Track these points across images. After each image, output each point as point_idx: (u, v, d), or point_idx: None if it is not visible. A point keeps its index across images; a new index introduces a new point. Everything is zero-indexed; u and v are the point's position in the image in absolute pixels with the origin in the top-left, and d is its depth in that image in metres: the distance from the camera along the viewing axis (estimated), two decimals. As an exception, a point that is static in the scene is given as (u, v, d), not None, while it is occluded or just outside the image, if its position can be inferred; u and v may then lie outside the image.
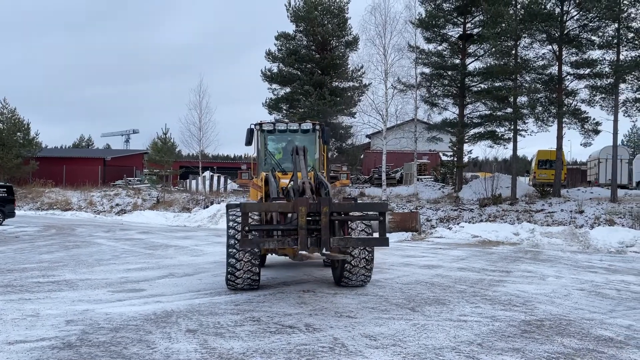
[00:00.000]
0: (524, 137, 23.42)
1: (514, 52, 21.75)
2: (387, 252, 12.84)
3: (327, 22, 31.61)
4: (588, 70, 21.83)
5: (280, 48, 32.61)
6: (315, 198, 6.48)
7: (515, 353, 4.88)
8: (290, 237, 6.26)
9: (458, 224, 18.72)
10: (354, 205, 6.76)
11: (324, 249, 6.08)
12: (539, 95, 22.50)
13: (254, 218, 7.13)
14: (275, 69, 32.48)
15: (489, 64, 23.79)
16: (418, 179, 28.98)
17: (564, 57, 21.93)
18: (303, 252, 6.12)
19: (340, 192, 23.60)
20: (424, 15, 25.82)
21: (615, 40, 20.27)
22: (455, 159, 26.92)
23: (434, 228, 19.03)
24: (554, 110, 21.60)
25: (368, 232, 7.64)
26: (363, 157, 41.63)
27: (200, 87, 38.42)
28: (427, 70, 25.96)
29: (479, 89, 24.88)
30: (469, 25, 26.04)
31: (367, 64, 28.67)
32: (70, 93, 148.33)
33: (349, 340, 5.17)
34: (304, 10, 31.35)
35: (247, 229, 6.29)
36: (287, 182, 7.91)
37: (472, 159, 30.88)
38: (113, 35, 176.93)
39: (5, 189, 21.79)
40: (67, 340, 5.10)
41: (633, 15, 20.13)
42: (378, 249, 8.00)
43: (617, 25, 20.12)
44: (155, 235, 17.68)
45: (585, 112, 22.17)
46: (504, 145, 24.82)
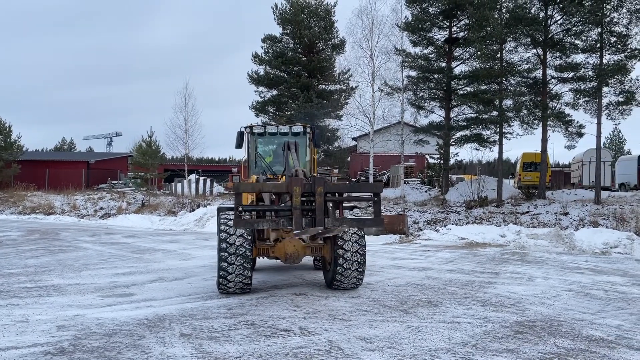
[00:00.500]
0: (510, 139, 23.61)
1: (499, 55, 21.97)
2: (376, 254, 12.88)
3: (313, 24, 31.67)
4: (572, 74, 22.12)
5: (267, 50, 32.58)
6: (310, 179, 6.49)
7: (510, 354, 4.92)
8: (285, 217, 6.28)
9: (445, 226, 18.86)
10: (349, 186, 6.82)
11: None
12: (524, 99, 22.74)
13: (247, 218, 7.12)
14: (262, 72, 32.43)
15: (475, 68, 24.02)
16: (405, 182, 29.07)
17: (548, 60, 22.23)
18: (298, 231, 6.14)
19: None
20: (410, 19, 25.96)
21: (598, 45, 20.59)
22: (442, 162, 27.11)
23: (422, 230, 19.15)
24: (539, 113, 21.83)
25: (360, 234, 7.67)
26: (350, 160, 41.72)
27: (186, 89, 38.00)
28: (413, 74, 26.09)
29: (465, 92, 25.07)
30: (455, 29, 26.26)
31: (354, 67, 28.89)
32: (51, 95, 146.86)
33: (345, 343, 5.18)
34: (291, 13, 31.39)
35: (240, 210, 6.28)
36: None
37: (458, 162, 31.04)
38: (95, 36, 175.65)
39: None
40: (59, 346, 5.02)
41: (615, 20, 20.46)
42: (367, 252, 8.02)
43: (599, 30, 20.44)
44: (142, 239, 17.51)
45: (569, 115, 22.46)
46: (490, 148, 25.07)
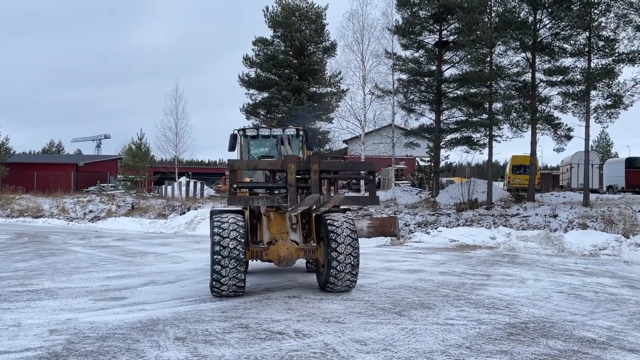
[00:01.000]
0: (499, 142, 23.91)
1: (489, 59, 22.15)
2: (368, 257, 12.91)
3: (304, 27, 31.64)
4: (560, 78, 22.31)
5: (258, 53, 32.51)
6: (305, 157, 6.53)
7: (504, 355, 4.97)
8: (280, 195, 6.29)
9: (436, 229, 18.93)
10: (344, 164, 6.88)
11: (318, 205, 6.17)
12: (514, 102, 22.91)
13: (240, 225, 7.09)
14: (253, 74, 32.34)
15: (465, 71, 24.18)
16: (396, 184, 29.20)
17: (537, 64, 22.41)
18: (293, 207, 6.15)
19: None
20: (401, 22, 26.07)
21: (587, 49, 20.80)
22: (433, 164, 27.24)
23: (413, 233, 19.21)
24: (528, 117, 22.00)
25: (353, 236, 7.67)
26: (340, 162, 41.77)
27: (177, 91, 37.92)
28: (404, 77, 26.23)
29: (455, 95, 25.21)
30: (445, 33, 26.41)
31: (345, 70, 29.00)
32: (39, 97, 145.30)
33: (340, 346, 5.19)
34: (282, 16, 31.35)
35: (235, 187, 6.29)
36: None
37: (448, 164, 31.21)
38: (83, 38, 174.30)
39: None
40: (53, 350, 4.99)
41: (603, 24, 20.68)
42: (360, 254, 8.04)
43: (588, 34, 20.64)
44: (132, 242, 17.40)
45: (558, 118, 22.65)
46: (480, 151, 25.22)
